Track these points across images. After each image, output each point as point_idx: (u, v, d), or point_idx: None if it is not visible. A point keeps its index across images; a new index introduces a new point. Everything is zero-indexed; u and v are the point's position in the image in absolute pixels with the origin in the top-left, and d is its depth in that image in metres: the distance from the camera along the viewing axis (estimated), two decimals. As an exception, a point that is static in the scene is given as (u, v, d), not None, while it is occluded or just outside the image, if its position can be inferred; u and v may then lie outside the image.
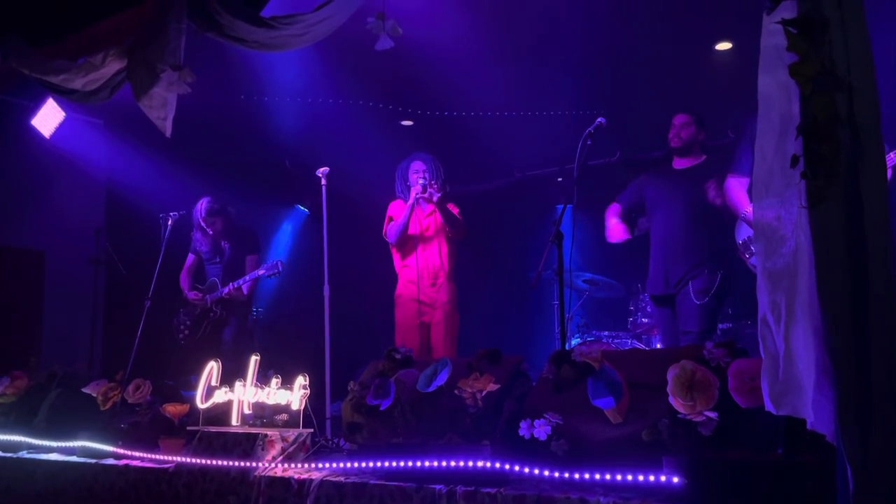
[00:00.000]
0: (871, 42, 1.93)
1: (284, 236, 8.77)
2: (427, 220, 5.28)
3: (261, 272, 5.58)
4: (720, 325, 6.48)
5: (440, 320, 5.18)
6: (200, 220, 5.72)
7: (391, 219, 5.31)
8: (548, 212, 8.18)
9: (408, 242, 5.25)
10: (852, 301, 1.81)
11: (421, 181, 5.13)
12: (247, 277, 5.63)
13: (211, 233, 5.77)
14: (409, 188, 5.21)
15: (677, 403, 2.44)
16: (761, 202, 2.08)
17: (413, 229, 5.22)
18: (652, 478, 2.21)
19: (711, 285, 4.38)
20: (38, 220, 6.27)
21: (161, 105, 3.79)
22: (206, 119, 6.24)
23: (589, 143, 4.06)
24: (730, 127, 6.95)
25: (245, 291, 5.69)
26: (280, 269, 5.53)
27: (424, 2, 4.55)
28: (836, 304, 1.82)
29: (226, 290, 5.64)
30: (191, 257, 5.94)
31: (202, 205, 5.72)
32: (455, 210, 5.30)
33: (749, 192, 4.23)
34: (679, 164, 4.72)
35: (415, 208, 5.20)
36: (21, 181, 6.15)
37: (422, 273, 5.21)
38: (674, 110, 4.71)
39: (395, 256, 5.36)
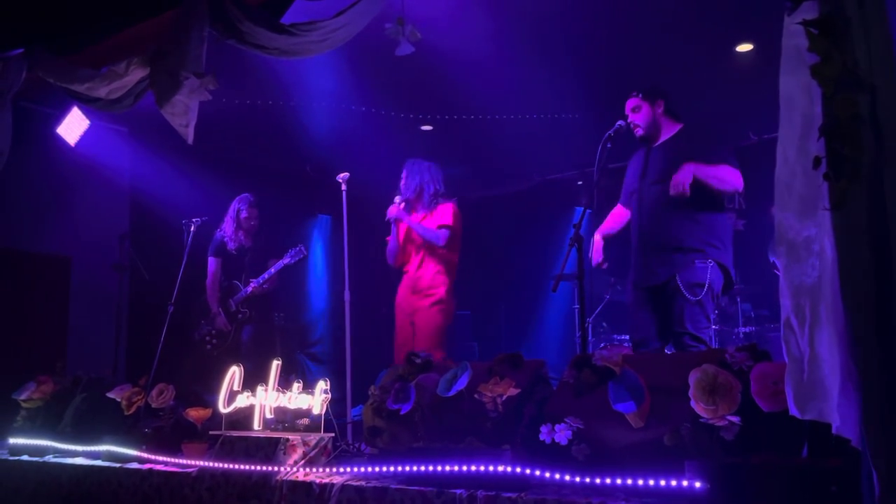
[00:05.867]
0: (893, 42, 1.91)
1: (306, 241, 8.81)
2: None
3: (286, 261, 5.62)
4: (742, 329, 6.42)
5: (421, 327, 5.04)
6: (243, 211, 5.82)
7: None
8: (568, 215, 8.16)
9: (403, 252, 5.21)
10: (877, 304, 1.79)
11: (396, 199, 5.09)
12: (271, 270, 5.68)
13: (254, 223, 5.88)
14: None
15: (699, 408, 2.42)
16: (784, 204, 2.06)
17: (402, 239, 5.18)
18: (674, 483, 2.19)
19: (703, 277, 3.89)
20: (64, 227, 6.35)
21: (183, 112, 3.83)
22: (228, 126, 6.30)
23: (609, 146, 4.05)
24: (751, 129, 6.92)
25: (266, 287, 5.74)
26: (305, 252, 5.58)
27: (443, 6, 4.57)
28: (860, 308, 1.80)
29: (249, 288, 5.70)
30: (213, 263, 5.90)
31: (244, 198, 5.85)
32: (450, 209, 5.10)
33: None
34: (656, 141, 4.29)
35: (399, 224, 5.15)
36: (47, 189, 6.23)
37: (413, 282, 5.13)
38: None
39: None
